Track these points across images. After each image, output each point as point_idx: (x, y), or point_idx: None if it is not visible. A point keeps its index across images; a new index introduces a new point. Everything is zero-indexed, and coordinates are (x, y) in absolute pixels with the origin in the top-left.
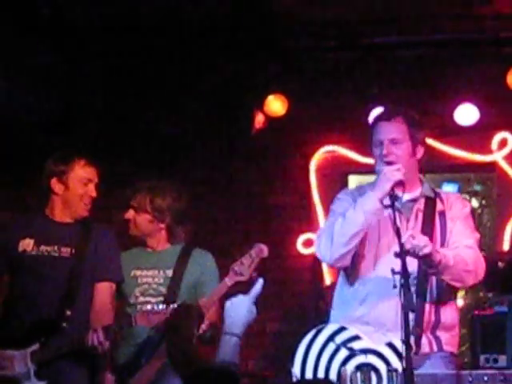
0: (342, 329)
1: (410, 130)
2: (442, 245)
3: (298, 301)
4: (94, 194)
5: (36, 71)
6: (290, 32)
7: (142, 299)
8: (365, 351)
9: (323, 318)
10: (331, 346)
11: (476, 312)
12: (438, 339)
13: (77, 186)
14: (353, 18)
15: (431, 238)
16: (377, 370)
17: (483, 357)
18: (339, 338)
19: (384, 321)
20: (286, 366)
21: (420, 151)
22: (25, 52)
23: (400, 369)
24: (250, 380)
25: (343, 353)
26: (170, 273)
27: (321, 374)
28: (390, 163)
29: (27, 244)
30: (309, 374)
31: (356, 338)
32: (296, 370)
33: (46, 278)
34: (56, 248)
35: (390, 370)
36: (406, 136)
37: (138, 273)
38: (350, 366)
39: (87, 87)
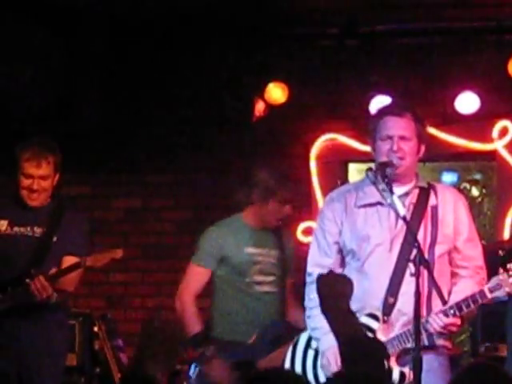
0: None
1: (417, 127)
2: (433, 241)
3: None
4: (34, 187)
5: (34, 57)
6: (290, 19)
7: (258, 278)
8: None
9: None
10: (310, 353)
11: None
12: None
13: (20, 179)
14: (354, 5)
15: (417, 230)
16: None
17: (483, 346)
18: (315, 343)
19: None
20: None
21: (422, 149)
22: (23, 37)
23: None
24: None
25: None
26: (276, 253)
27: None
28: (400, 158)
29: (1, 225)
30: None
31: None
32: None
33: (18, 253)
34: (29, 229)
35: None
36: (414, 134)
37: (252, 250)
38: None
39: (86, 73)
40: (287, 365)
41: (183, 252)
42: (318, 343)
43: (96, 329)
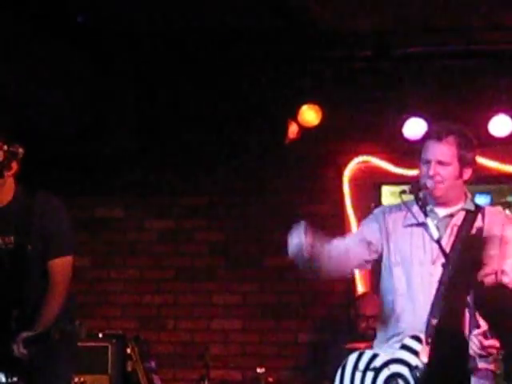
0: (360, 354)
1: (459, 151)
2: (477, 263)
3: (331, 312)
4: None
5: (69, 80)
6: (324, 42)
7: None
8: (386, 364)
9: (355, 329)
10: (358, 375)
11: None
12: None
13: None
14: (387, 28)
15: (460, 254)
16: (402, 376)
17: None
18: (361, 364)
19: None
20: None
21: (468, 172)
22: (58, 60)
23: (420, 364)
24: None
25: (369, 375)
26: None
27: None
28: (437, 182)
29: None
30: None
31: (374, 356)
32: None
33: None
34: (1, 240)
35: (412, 369)
36: (455, 158)
37: None
38: (379, 383)
39: (119, 96)
40: None
41: (216, 273)
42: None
43: (129, 350)
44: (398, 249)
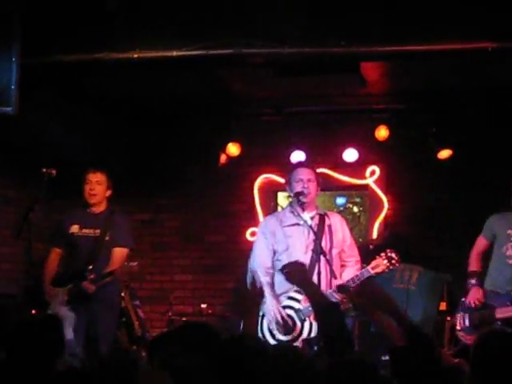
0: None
1: (316, 176)
2: (331, 247)
3: (246, 270)
4: (90, 192)
5: (84, 128)
6: (242, 104)
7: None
8: (284, 307)
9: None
10: (265, 319)
11: None
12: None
13: (84, 187)
14: (281, 94)
15: (320, 241)
16: (289, 316)
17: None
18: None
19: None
20: (240, 310)
21: (318, 190)
22: (76, 116)
23: (302, 307)
24: (217, 319)
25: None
26: None
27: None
28: (306, 194)
29: (75, 228)
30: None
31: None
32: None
33: (83, 249)
34: (92, 230)
35: (296, 311)
36: (315, 179)
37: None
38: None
39: (117, 139)
40: (259, 333)
41: (176, 246)
42: (268, 301)
43: (123, 294)
44: (282, 243)
